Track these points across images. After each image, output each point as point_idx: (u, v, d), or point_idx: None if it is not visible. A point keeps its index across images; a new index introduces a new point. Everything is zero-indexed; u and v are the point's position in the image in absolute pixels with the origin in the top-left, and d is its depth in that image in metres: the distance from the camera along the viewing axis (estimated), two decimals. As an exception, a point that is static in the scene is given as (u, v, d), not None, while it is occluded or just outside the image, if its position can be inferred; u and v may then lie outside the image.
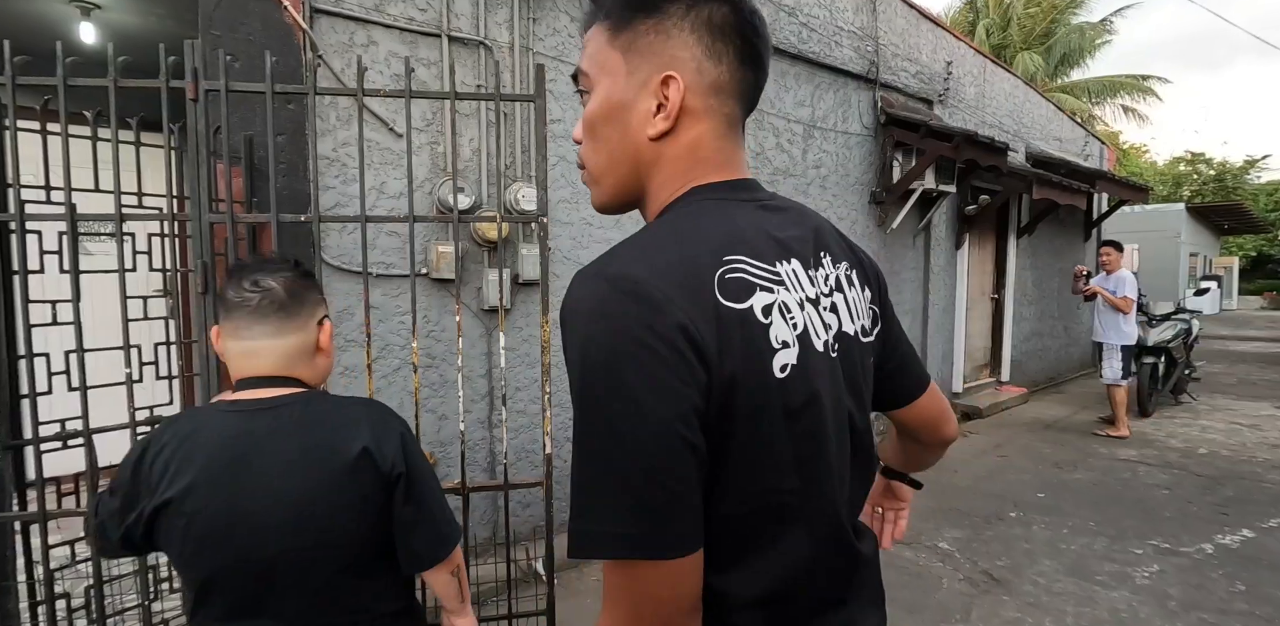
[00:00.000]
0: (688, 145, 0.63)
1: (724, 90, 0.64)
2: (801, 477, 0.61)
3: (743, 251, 0.59)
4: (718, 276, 0.57)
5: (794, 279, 0.63)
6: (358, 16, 2.77)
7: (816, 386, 0.61)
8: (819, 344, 0.63)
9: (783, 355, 0.59)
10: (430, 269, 2.81)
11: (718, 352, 0.54)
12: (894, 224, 5.18)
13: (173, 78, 1.61)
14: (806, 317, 0.62)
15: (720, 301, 0.56)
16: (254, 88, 1.62)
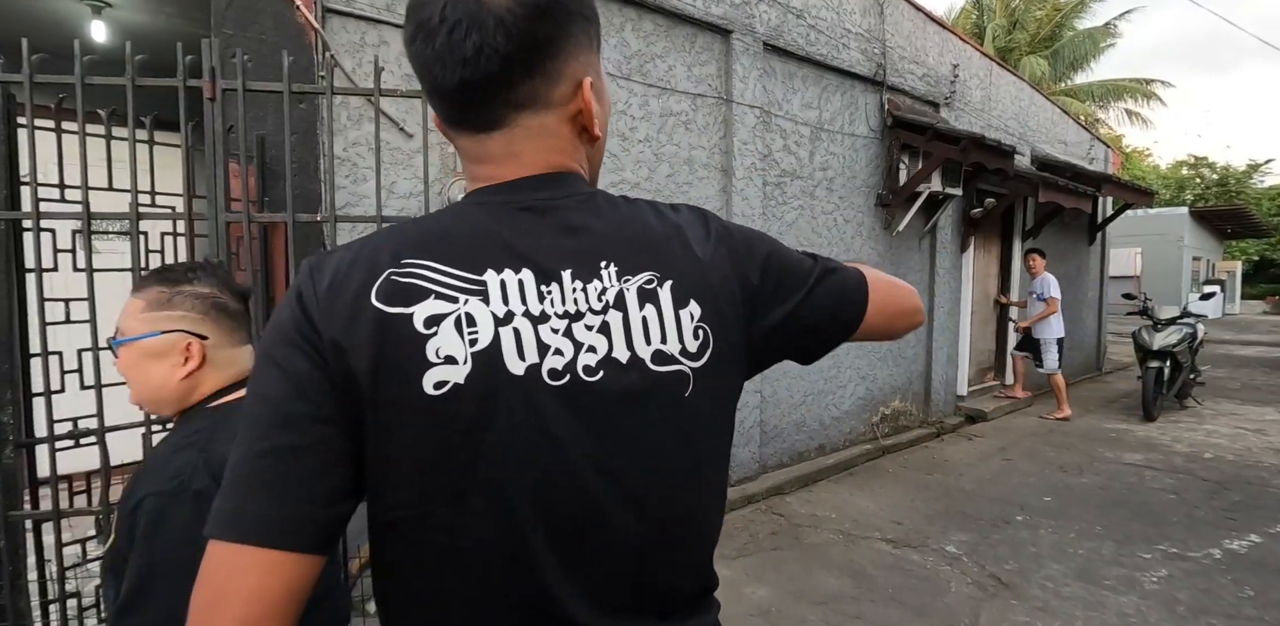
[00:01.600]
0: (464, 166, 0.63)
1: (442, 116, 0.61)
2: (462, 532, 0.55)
3: (432, 255, 0.56)
4: (383, 278, 0.54)
5: (511, 290, 0.56)
6: (369, 16, 2.77)
7: (493, 420, 0.54)
8: (517, 368, 0.54)
9: (441, 371, 0.53)
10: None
11: (350, 351, 0.52)
12: (900, 226, 5.18)
13: (189, 77, 1.61)
14: (512, 334, 0.55)
15: (374, 304, 0.53)
16: (271, 87, 1.62)
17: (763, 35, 4.11)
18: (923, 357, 5.66)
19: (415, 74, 0.59)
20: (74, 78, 1.57)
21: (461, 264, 0.55)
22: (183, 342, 1.00)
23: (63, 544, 1.74)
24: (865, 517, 3.64)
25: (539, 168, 0.61)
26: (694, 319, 0.60)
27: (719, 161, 3.99)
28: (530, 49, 0.56)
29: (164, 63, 1.63)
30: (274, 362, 0.53)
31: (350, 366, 0.52)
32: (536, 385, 0.55)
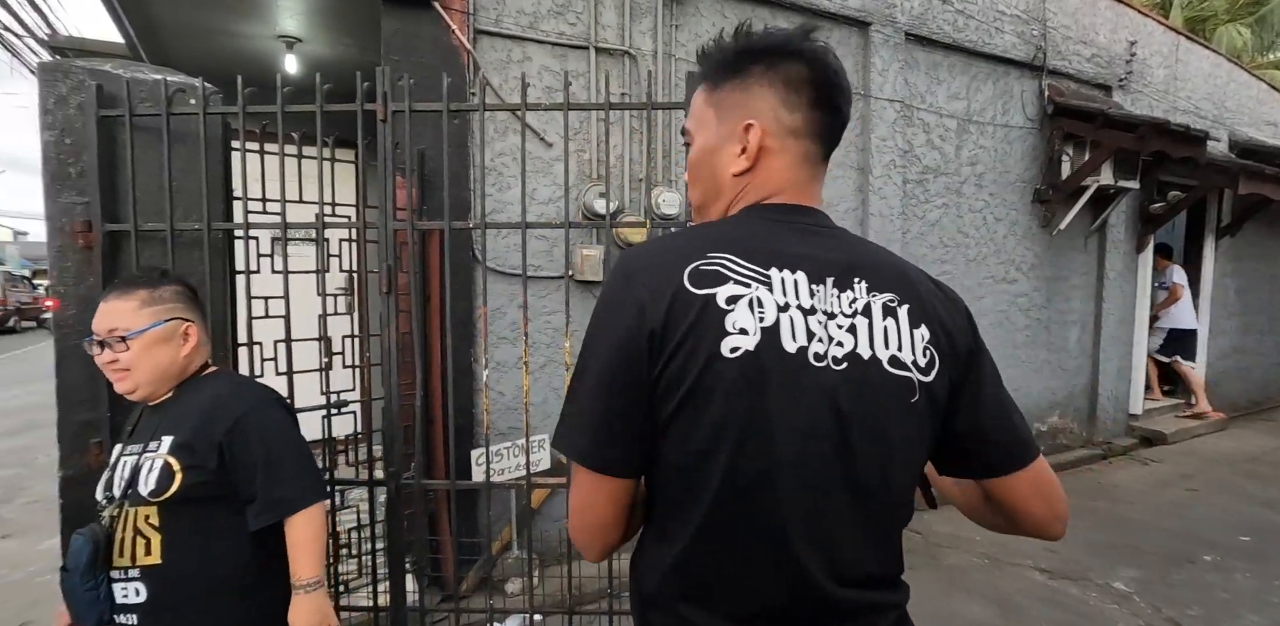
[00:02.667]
0: (761, 178, 0.77)
1: (798, 132, 0.77)
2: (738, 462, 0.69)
3: (732, 251, 0.71)
4: (693, 266, 0.69)
5: (787, 286, 0.70)
6: (514, 34, 2.97)
7: (773, 378, 0.68)
8: (791, 346, 0.69)
9: (736, 339, 0.67)
10: (575, 271, 2.95)
11: (665, 317, 0.67)
12: (1061, 224, 4.70)
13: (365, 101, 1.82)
14: (788, 319, 0.69)
15: (684, 285, 0.68)
16: (433, 107, 1.79)
17: (904, 25, 3.91)
18: (1088, 370, 5.09)
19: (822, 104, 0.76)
20: (276, 107, 1.82)
21: (753, 260, 0.71)
22: (181, 327, 1.29)
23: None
24: (1014, 542, 3.34)
25: (809, 200, 0.78)
26: (924, 340, 0.73)
27: (855, 160, 3.84)
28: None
29: (342, 88, 1.86)
30: (606, 333, 0.70)
31: (666, 336, 0.67)
32: (803, 363, 0.69)
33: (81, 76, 1.78)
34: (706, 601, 0.72)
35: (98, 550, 1.19)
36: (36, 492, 4.22)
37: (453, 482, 1.91)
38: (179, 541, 1.21)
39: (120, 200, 1.81)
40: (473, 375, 2.75)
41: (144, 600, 1.19)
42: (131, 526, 1.21)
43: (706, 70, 0.80)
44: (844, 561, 0.71)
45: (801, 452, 0.69)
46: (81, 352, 1.82)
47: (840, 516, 0.71)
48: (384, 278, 1.82)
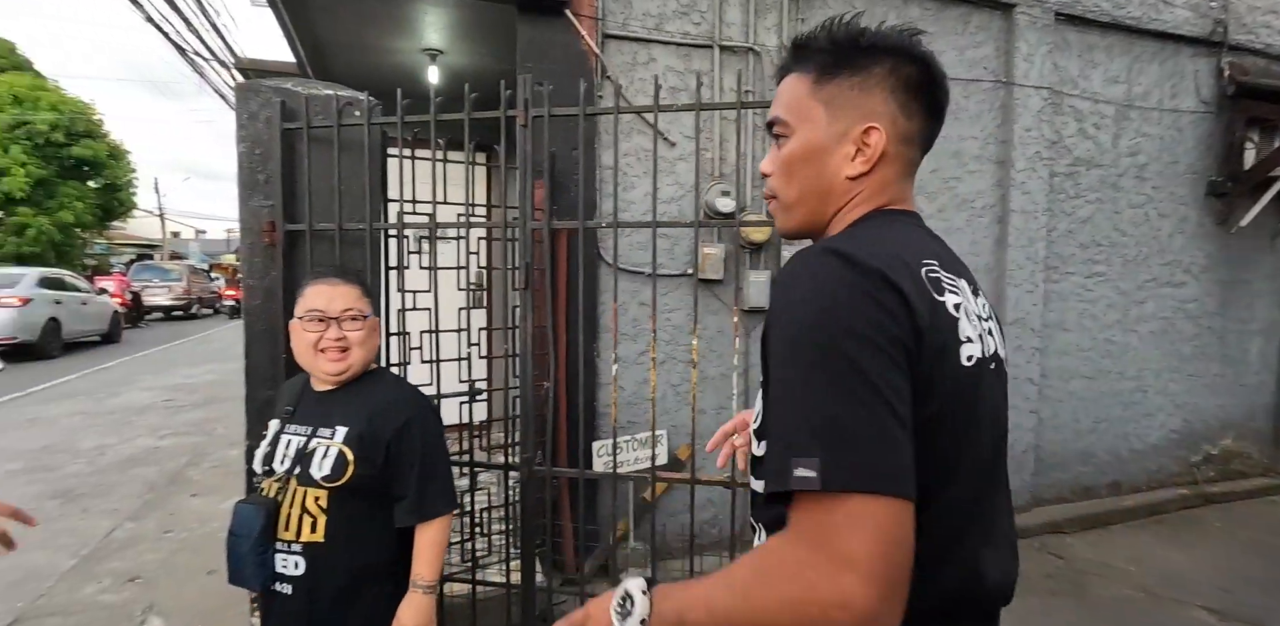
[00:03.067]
0: (878, 184, 0.74)
1: (912, 140, 0.75)
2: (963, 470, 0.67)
3: (934, 258, 0.69)
4: (923, 270, 0.66)
5: (965, 293, 0.71)
6: (640, 37, 3.03)
7: (987, 386, 0.70)
8: (988, 351, 0.71)
9: (969, 347, 0.67)
10: (696, 269, 2.97)
11: (929, 323, 0.62)
12: (1243, 221, 4.15)
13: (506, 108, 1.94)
14: (979, 328, 0.70)
15: (928, 288, 0.65)
16: (569, 111, 1.88)
17: (1054, 5, 3.60)
18: (1271, 387, 4.47)
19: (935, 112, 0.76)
20: (429, 117, 1.97)
21: (947, 268, 0.70)
22: (376, 321, 1.43)
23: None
24: (1177, 577, 3.00)
25: (913, 207, 0.78)
26: (1000, 334, 0.78)
27: (993, 152, 3.59)
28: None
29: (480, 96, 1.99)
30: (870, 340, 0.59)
31: (928, 338, 0.62)
32: (990, 365, 0.71)
33: (269, 94, 2.01)
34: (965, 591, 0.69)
35: (270, 521, 1.29)
36: (217, 458, 4.83)
37: (582, 472, 2.00)
38: (340, 525, 1.29)
39: (298, 203, 2.03)
40: (595, 369, 2.85)
41: (302, 573, 1.28)
42: (300, 504, 1.29)
43: (814, 62, 0.75)
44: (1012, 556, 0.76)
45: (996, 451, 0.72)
46: (267, 336, 2.07)
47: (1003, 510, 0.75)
48: (522, 274, 1.93)
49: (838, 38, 0.74)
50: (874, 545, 0.53)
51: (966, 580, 0.68)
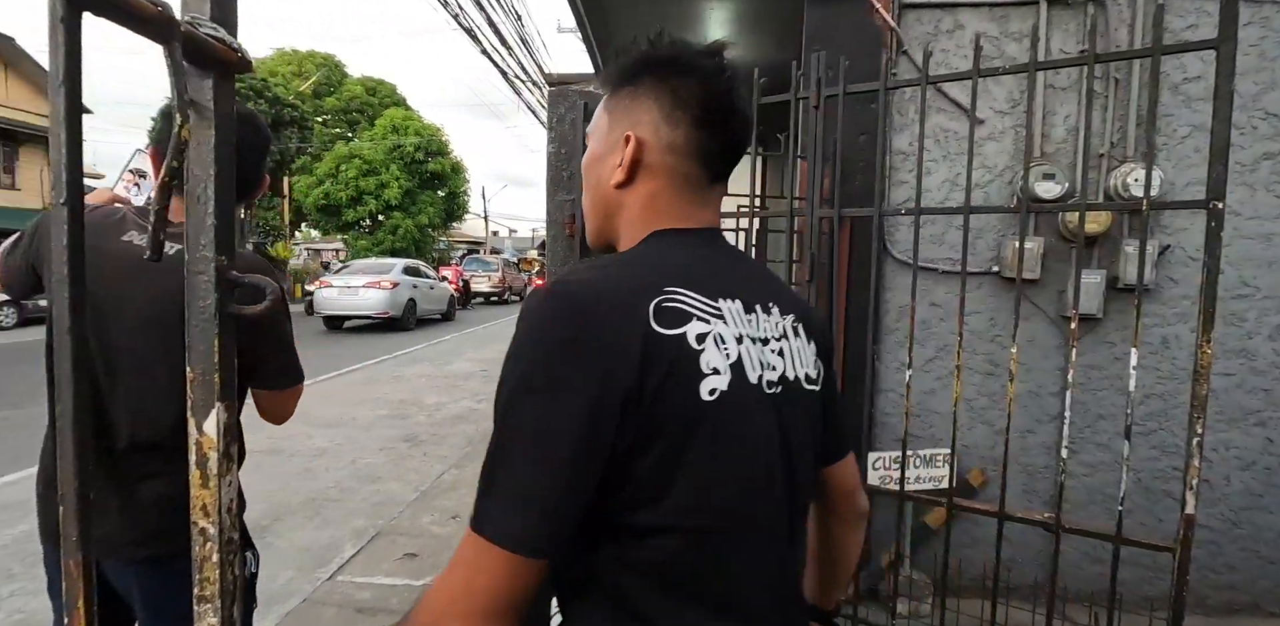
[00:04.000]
0: (646, 195, 0.71)
1: (679, 150, 0.70)
2: (731, 503, 0.64)
3: (685, 285, 0.65)
4: (655, 303, 0.61)
5: (734, 316, 0.67)
6: (944, 3, 2.68)
7: (748, 416, 0.65)
8: (753, 377, 0.66)
9: (712, 380, 0.62)
10: (1002, 266, 2.54)
11: (639, 369, 0.58)
12: None
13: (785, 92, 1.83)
14: (743, 351, 0.66)
15: (651, 326, 0.60)
16: (869, 86, 1.70)
17: None
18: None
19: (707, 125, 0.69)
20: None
21: (705, 292, 0.65)
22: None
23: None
24: None
25: (715, 223, 0.75)
26: (814, 354, 0.76)
27: None
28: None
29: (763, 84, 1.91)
30: (559, 388, 0.57)
31: (643, 391, 0.58)
32: (762, 392, 0.67)
33: (574, 98, 2.19)
34: None
35: None
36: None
37: (864, 485, 1.82)
38: None
39: (596, 198, 2.18)
40: (874, 374, 2.61)
41: None
42: None
43: (607, 76, 0.76)
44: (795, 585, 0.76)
45: (769, 483, 0.68)
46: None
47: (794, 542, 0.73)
48: (808, 266, 1.82)
49: (624, 52, 0.74)
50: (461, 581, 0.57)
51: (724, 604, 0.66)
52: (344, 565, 2.97)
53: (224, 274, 0.49)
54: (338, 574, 2.90)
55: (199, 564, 0.51)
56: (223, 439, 0.50)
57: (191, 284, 0.49)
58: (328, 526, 3.41)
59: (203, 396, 0.49)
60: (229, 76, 0.49)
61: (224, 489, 0.51)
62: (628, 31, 3.96)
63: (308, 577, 2.86)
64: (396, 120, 24.01)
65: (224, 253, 0.49)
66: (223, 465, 0.50)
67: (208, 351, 0.49)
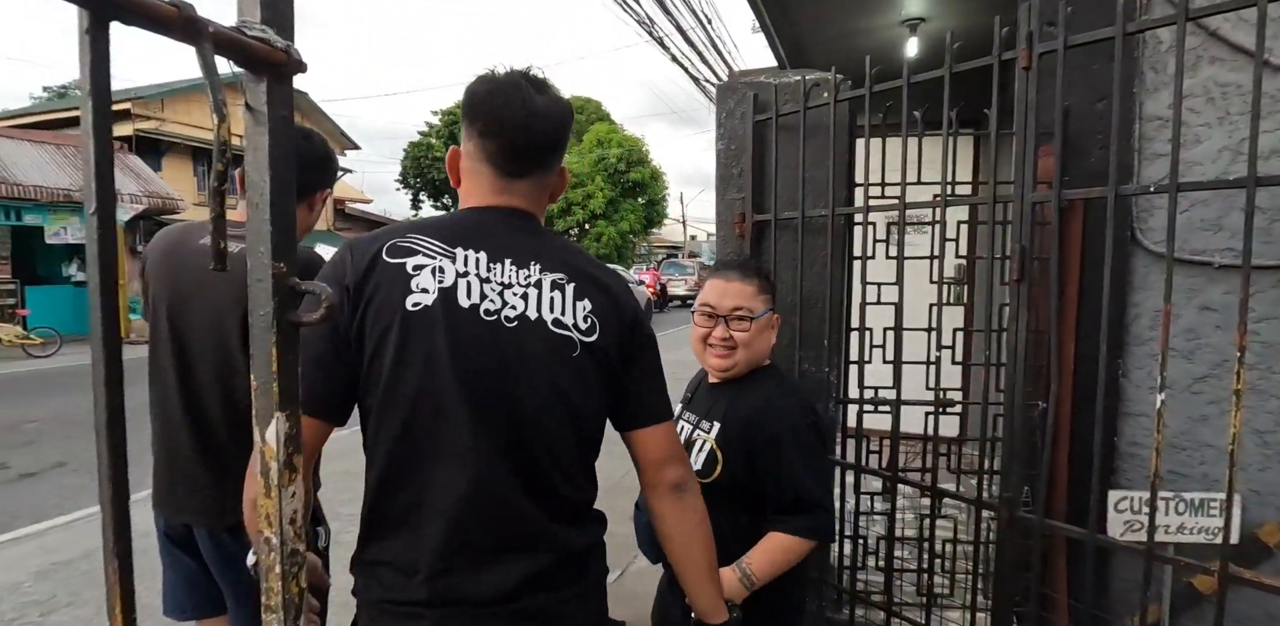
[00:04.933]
0: (465, 188, 1.03)
1: (475, 156, 1.01)
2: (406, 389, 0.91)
3: (428, 234, 0.95)
4: (392, 242, 0.93)
5: (468, 261, 0.94)
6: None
7: (449, 325, 0.90)
8: (466, 300, 0.92)
9: (418, 296, 0.90)
10: (1316, 254, 1.92)
11: (357, 284, 0.91)
12: None
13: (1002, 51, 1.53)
14: (464, 282, 0.92)
15: (382, 256, 0.92)
16: (1101, 34, 1.36)
17: None
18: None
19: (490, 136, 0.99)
20: (901, 81, 1.72)
21: (445, 241, 0.95)
22: (775, 317, 1.42)
23: (859, 492, 2.03)
24: None
25: (507, 203, 1.01)
26: (585, 310, 0.97)
27: None
28: (559, 142, 1.03)
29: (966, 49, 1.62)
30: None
31: (360, 291, 0.91)
32: (474, 315, 0.92)
33: (744, 91, 2.08)
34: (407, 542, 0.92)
35: None
36: (702, 430, 5.56)
37: (1091, 535, 1.46)
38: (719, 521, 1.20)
39: (765, 193, 2.05)
40: (1120, 392, 2.12)
41: None
42: None
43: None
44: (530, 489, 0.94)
45: (468, 385, 0.90)
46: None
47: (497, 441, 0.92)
48: (1016, 263, 1.51)
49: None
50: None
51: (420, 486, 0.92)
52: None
53: (282, 281, 0.48)
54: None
55: (265, 572, 0.51)
56: (284, 449, 0.49)
57: (252, 292, 0.48)
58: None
59: (264, 405, 0.49)
60: (284, 79, 0.48)
61: (285, 500, 0.50)
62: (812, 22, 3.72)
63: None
64: (601, 134, 25.59)
65: (282, 259, 0.48)
66: (284, 476, 0.49)
67: (266, 360, 0.48)
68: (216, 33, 0.41)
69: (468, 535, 0.90)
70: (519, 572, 0.91)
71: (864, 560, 2.16)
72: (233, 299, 1.34)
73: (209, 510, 1.42)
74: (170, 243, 1.52)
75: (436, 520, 0.90)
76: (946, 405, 1.93)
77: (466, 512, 0.89)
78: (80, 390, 7.52)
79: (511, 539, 0.92)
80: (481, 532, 0.90)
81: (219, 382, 1.40)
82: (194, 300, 1.41)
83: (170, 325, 1.44)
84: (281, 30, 0.47)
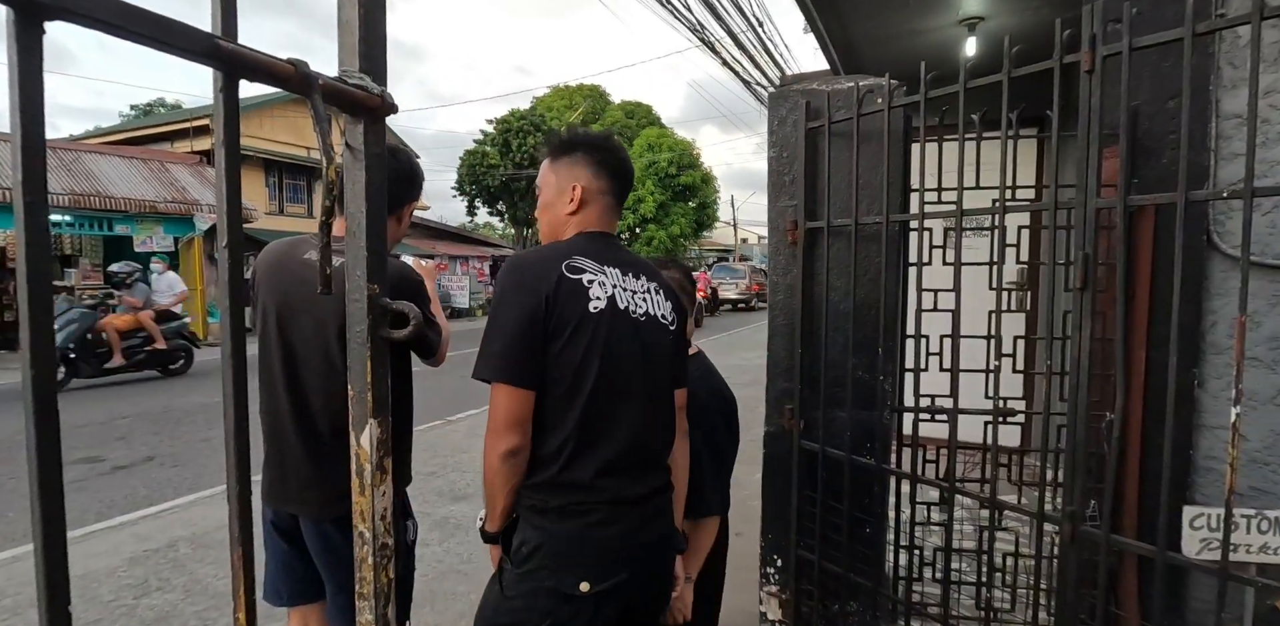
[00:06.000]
0: (581, 217, 1.40)
1: (602, 190, 1.41)
2: (595, 367, 1.27)
3: (583, 255, 1.33)
4: (565, 263, 1.29)
5: (613, 275, 1.34)
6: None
7: (614, 323, 1.30)
8: (621, 306, 1.32)
9: (595, 302, 1.28)
10: None
11: (552, 292, 1.25)
12: None
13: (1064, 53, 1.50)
14: (616, 291, 1.32)
15: (563, 273, 1.28)
16: (1168, 36, 1.32)
17: None
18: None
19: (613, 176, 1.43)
20: (958, 86, 1.70)
21: (596, 260, 1.34)
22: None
23: (915, 502, 2.01)
24: None
25: (611, 230, 1.46)
26: (670, 309, 1.43)
27: None
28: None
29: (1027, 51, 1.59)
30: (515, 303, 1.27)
31: (555, 300, 1.26)
32: (627, 315, 1.33)
33: (796, 98, 2.08)
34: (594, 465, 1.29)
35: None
36: (754, 435, 5.53)
37: (1161, 553, 1.41)
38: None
39: (818, 200, 2.04)
40: (1196, 403, 2.03)
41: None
42: None
43: (550, 150, 1.44)
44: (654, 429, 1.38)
45: (631, 363, 1.32)
46: (786, 330, 2.17)
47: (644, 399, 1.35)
48: (1080, 269, 1.48)
49: (557, 139, 1.44)
50: (495, 409, 1.25)
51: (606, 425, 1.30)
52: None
53: (375, 301, 0.54)
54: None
55: (359, 563, 0.56)
56: (376, 452, 0.55)
57: (349, 311, 0.54)
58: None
59: (359, 412, 0.54)
60: (378, 120, 0.53)
61: (378, 498, 0.55)
62: (866, 24, 3.68)
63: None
64: (652, 139, 25.70)
65: (376, 281, 0.54)
66: (376, 476, 0.55)
67: (362, 371, 0.54)
68: (324, 84, 0.47)
69: (631, 458, 1.32)
70: (654, 481, 1.37)
71: (920, 571, 2.12)
72: (334, 309, 1.46)
73: (315, 501, 1.54)
74: (278, 255, 1.65)
75: (615, 448, 1.29)
76: (1007, 414, 1.88)
77: (631, 444, 1.31)
78: (165, 389, 8.04)
79: (651, 460, 1.38)
80: (638, 456, 1.34)
81: (322, 385, 1.52)
82: (299, 309, 1.53)
83: (279, 332, 1.57)
84: (376, 77, 0.53)
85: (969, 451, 2.02)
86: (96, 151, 13.22)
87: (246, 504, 0.48)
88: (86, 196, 11.57)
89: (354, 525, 0.55)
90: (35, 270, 0.34)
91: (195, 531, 3.70)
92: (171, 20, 0.38)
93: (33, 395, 0.35)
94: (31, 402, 0.35)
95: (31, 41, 0.33)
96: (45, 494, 0.36)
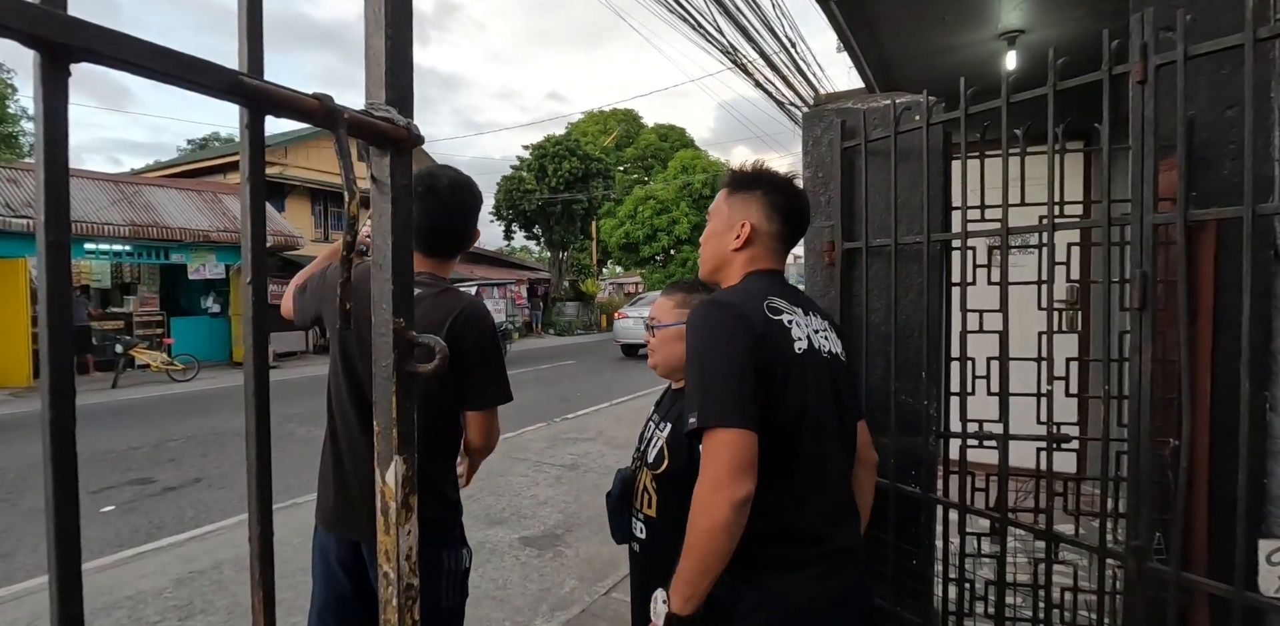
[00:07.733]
0: (749, 255, 1.35)
1: (772, 234, 1.35)
2: (809, 409, 1.21)
3: (777, 296, 1.28)
4: (765, 303, 1.24)
5: (800, 315, 1.29)
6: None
7: (815, 364, 1.25)
8: (815, 346, 1.27)
9: (798, 343, 1.23)
10: None
11: (763, 334, 1.18)
12: None
13: (1114, 64, 1.44)
14: (809, 332, 1.27)
15: (766, 313, 1.22)
16: (1227, 42, 1.26)
17: None
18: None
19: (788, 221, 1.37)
20: (1000, 100, 1.65)
21: (787, 300, 1.29)
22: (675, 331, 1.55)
23: (965, 533, 1.91)
24: None
25: (782, 268, 1.40)
26: (840, 345, 1.38)
27: None
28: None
29: (1072, 63, 1.54)
30: (729, 341, 1.17)
31: (764, 339, 1.19)
32: (821, 356, 1.28)
33: (831, 117, 2.06)
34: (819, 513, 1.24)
35: (626, 490, 1.62)
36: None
37: (1239, 591, 1.30)
38: (669, 505, 1.48)
39: (855, 220, 2.00)
40: (1269, 429, 1.89)
41: (644, 537, 1.56)
42: (642, 482, 1.58)
43: (730, 181, 1.39)
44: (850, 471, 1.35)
45: (830, 403, 1.26)
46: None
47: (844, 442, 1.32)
48: (1138, 288, 1.40)
49: (745, 169, 1.39)
50: (724, 456, 1.10)
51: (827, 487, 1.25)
52: (618, 582, 3.15)
53: (401, 335, 0.53)
54: (613, 590, 3.07)
55: (383, 604, 0.54)
56: (400, 489, 0.53)
57: (376, 344, 0.53)
58: (609, 542, 3.67)
59: (384, 449, 0.53)
60: (404, 152, 0.53)
61: (402, 537, 0.53)
62: (901, 41, 3.64)
63: (588, 589, 3.09)
64: (685, 161, 25.91)
65: (401, 314, 0.53)
66: (401, 515, 0.53)
67: (387, 407, 0.53)
68: (350, 117, 0.47)
69: (843, 505, 1.30)
70: (858, 527, 1.34)
71: (971, 606, 2.01)
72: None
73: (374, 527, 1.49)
74: (337, 277, 1.63)
75: (832, 494, 1.27)
76: (1061, 440, 1.79)
77: (841, 488, 1.30)
78: (215, 412, 8.28)
79: (850, 504, 1.33)
80: (847, 501, 1.32)
81: None
82: (360, 333, 1.52)
83: (341, 354, 1.55)
84: (403, 109, 0.52)
85: (1021, 478, 1.92)
86: (155, 184, 13.90)
87: (268, 545, 0.46)
88: (145, 227, 12.14)
89: (379, 564, 0.54)
90: (56, 320, 0.34)
91: (239, 553, 3.75)
92: (196, 58, 0.37)
93: (51, 438, 0.34)
94: (49, 444, 0.34)
95: (57, 82, 0.33)
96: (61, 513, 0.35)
